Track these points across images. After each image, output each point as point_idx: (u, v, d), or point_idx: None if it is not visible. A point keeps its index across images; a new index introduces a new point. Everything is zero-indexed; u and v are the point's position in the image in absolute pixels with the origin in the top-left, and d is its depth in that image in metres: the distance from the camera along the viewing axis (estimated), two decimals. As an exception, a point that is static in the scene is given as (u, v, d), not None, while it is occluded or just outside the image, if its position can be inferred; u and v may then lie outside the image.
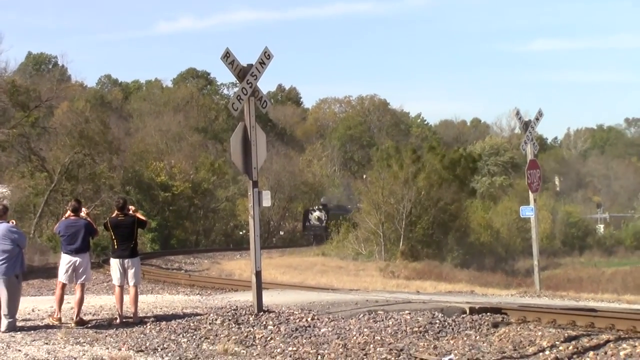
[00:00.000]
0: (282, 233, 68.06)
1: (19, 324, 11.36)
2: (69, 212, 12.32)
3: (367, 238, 48.22)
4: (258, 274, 12.82)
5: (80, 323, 11.65)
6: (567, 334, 10.56)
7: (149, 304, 14.22)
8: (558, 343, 10.06)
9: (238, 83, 13.33)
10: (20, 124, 39.96)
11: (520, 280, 38.35)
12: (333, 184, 78.46)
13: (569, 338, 10.29)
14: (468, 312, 13.09)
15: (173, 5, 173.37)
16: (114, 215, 12.43)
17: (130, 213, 12.43)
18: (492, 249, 56.55)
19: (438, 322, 11.87)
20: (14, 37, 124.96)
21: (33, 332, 10.96)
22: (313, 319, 12.12)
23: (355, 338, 10.59)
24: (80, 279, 12.01)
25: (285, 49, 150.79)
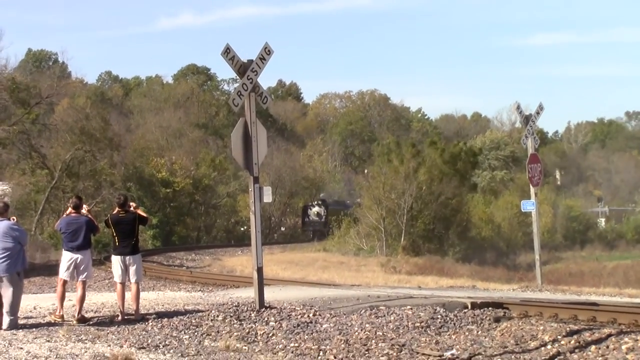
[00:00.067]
0: (283, 229, 68.05)
1: (21, 322, 11.34)
2: (70, 209, 12.30)
3: (368, 233, 48.20)
4: (259, 270, 12.82)
5: (82, 320, 11.65)
6: (569, 329, 10.56)
7: (151, 301, 14.22)
8: (560, 337, 10.06)
9: (238, 79, 13.31)
10: (21, 121, 39.98)
11: (522, 275, 38.31)
12: (334, 180, 78.47)
13: (571, 332, 10.29)
14: (470, 307, 13.09)
15: (173, 1, 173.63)
16: (115, 212, 12.41)
17: (132, 210, 12.41)
18: (493, 244, 56.55)
19: (440, 317, 11.88)
20: (14, 33, 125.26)
21: (35, 329, 10.94)
22: (315, 315, 12.13)
23: (357, 334, 10.60)
24: (82, 276, 11.99)
25: (286, 45, 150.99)
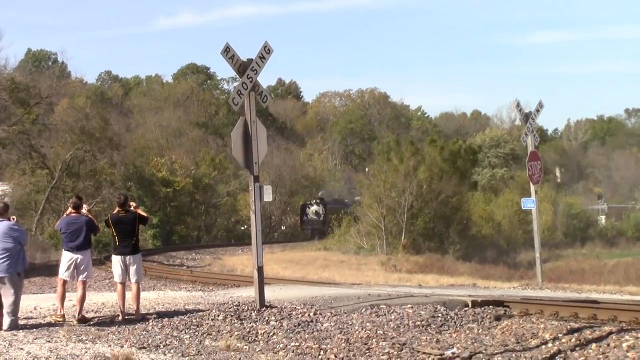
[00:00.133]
0: (283, 228, 68.03)
1: (21, 323, 11.33)
2: (71, 209, 12.29)
3: (369, 232, 48.18)
4: (260, 270, 12.81)
5: (83, 321, 11.64)
6: (569, 327, 10.56)
7: (151, 301, 14.21)
8: (561, 335, 10.06)
9: (238, 78, 13.31)
10: (21, 121, 39.95)
11: (523, 273, 38.31)
12: (334, 178, 78.45)
13: (572, 330, 10.29)
14: (470, 305, 13.10)
15: (173, 1, 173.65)
16: (116, 212, 12.40)
17: (132, 210, 12.39)
18: (494, 242, 56.51)
19: (441, 315, 11.88)
20: (14, 34, 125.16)
21: (35, 330, 10.93)
22: (315, 314, 12.12)
23: (358, 333, 10.59)
24: (82, 277, 11.98)
25: (286, 44, 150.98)
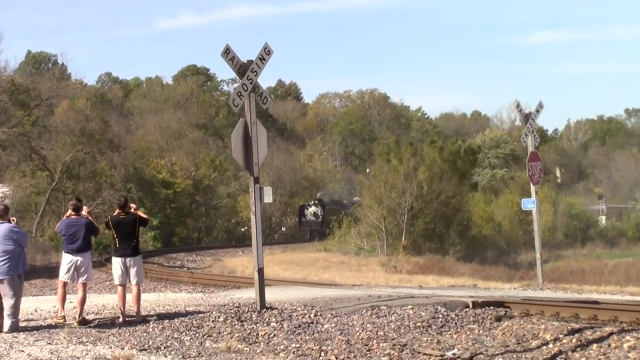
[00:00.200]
0: (284, 229, 67.96)
1: (22, 324, 11.34)
2: (70, 211, 12.29)
3: (369, 233, 48.17)
4: (260, 271, 12.81)
5: (83, 322, 11.64)
6: (570, 327, 10.55)
7: (152, 303, 14.21)
8: (561, 336, 10.05)
9: (238, 79, 13.29)
10: (21, 123, 39.93)
11: (523, 273, 38.29)
12: (334, 179, 78.44)
13: (573, 331, 10.29)
14: (471, 306, 13.09)
15: (173, 2, 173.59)
16: (116, 214, 12.40)
17: (132, 211, 12.39)
18: (494, 242, 56.50)
19: (441, 316, 11.87)
20: (14, 35, 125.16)
21: (36, 332, 10.94)
22: (316, 315, 12.12)
23: (359, 334, 10.59)
24: (82, 278, 11.98)
25: (285, 44, 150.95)
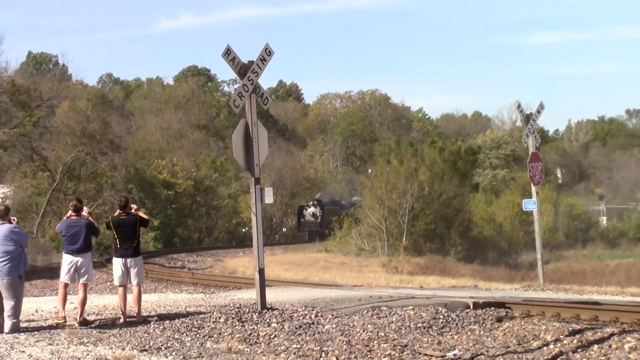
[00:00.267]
0: (284, 230, 67.89)
1: (23, 325, 11.34)
2: (71, 211, 12.29)
3: (370, 233, 48.15)
4: (261, 272, 12.80)
5: (84, 323, 11.64)
6: (571, 328, 10.55)
7: (153, 303, 14.21)
8: (562, 337, 10.05)
9: (239, 80, 13.28)
10: (22, 124, 39.92)
11: (524, 274, 38.26)
12: (335, 180, 78.42)
13: (573, 332, 10.28)
14: (472, 306, 13.10)
15: (174, 3, 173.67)
16: (116, 214, 12.40)
17: (133, 212, 12.40)
18: (495, 243, 56.45)
19: (442, 317, 11.87)
20: (15, 36, 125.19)
21: (37, 332, 10.94)
22: (317, 316, 12.12)
23: (359, 334, 10.58)
24: (83, 279, 11.98)
25: (286, 45, 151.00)
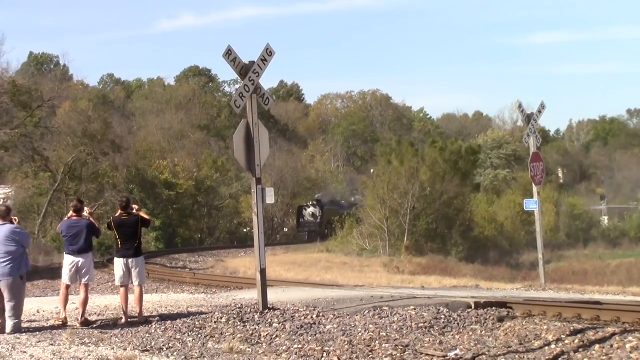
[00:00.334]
0: (286, 230, 67.78)
1: (24, 326, 11.35)
2: (72, 212, 12.30)
3: (371, 234, 48.13)
4: (263, 272, 12.81)
5: (86, 323, 11.65)
6: (572, 328, 10.55)
7: (154, 303, 14.21)
8: (564, 337, 10.05)
9: (240, 80, 13.29)
10: (24, 124, 39.94)
11: (525, 274, 38.23)
12: (336, 180, 78.39)
13: (575, 331, 10.28)
14: (473, 306, 13.10)
15: (174, 3, 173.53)
16: (118, 215, 12.41)
17: (134, 212, 12.40)
18: (496, 243, 56.40)
19: (443, 317, 11.87)
20: (16, 37, 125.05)
21: (38, 333, 10.94)
22: (318, 316, 12.12)
23: (361, 334, 10.58)
24: (84, 280, 11.99)
25: (287, 45, 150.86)
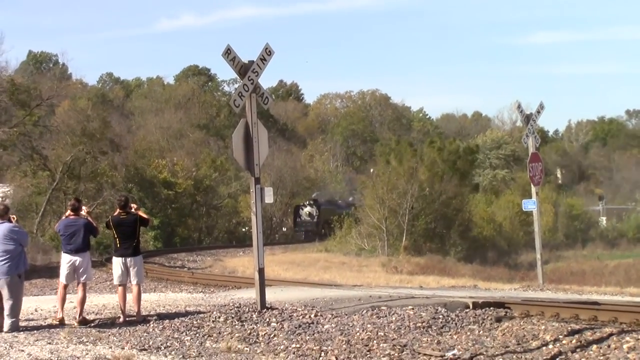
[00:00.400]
0: (284, 229, 67.81)
1: (22, 324, 11.35)
2: (69, 211, 12.30)
3: (370, 233, 48.14)
4: (261, 271, 12.81)
5: (83, 322, 11.66)
6: (570, 328, 10.55)
7: (152, 303, 14.22)
8: (561, 337, 10.05)
9: (239, 79, 13.29)
10: (22, 123, 39.93)
11: (523, 274, 38.28)
12: (335, 180, 78.40)
13: (573, 332, 10.28)
14: (471, 306, 13.10)
15: (174, 2, 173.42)
16: (116, 214, 12.42)
17: (133, 211, 12.41)
18: (494, 243, 56.42)
19: (441, 317, 11.87)
20: (15, 36, 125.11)
21: (36, 331, 10.95)
22: (316, 316, 12.12)
23: (359, 334, 10.59)
24: (82, 278, 12.00)
25: (286, 45, 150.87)
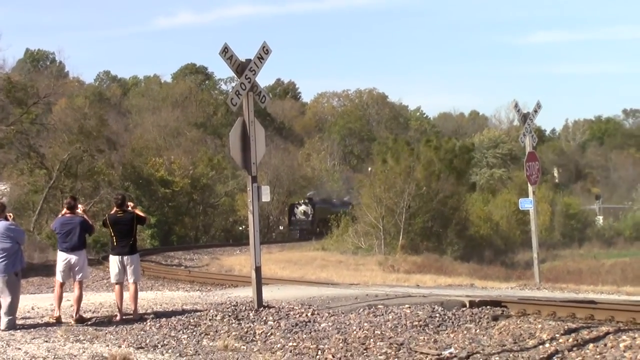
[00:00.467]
0: (281, 228, 67.84)
1: (19, 322, 11.34)
2: (65, 209, 12.29)
3: (367, 232, 48.18)
4: (258, 270, 12.81)
5: (80, 320, 11.64)
6: (567, 327, 10.57)
7: (149, 301, 14.21)
8: (558, 335, 10.07)
9: (237, 78, 13.28)
10: (19, 121, 39.87)
11: (520, 273, 38.40)
12: (332, 178, 78.42)
13: (569, 330, 10.30)
14: (468, 305, 13.12)
15: (172, 1, 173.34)
16: (113, 212, 12.40)
17: (129, 209, 12.40)
18: (491, 242, 56.55)
19: (438, 315, 11.89)
20: (12, 33, 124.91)
21: (33, 330, 10.94)
22: (313, 314, 12.12)
23: (356, 333, 10.60)
24: (78, 277, 11.97)
25: (284, 44, 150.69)
